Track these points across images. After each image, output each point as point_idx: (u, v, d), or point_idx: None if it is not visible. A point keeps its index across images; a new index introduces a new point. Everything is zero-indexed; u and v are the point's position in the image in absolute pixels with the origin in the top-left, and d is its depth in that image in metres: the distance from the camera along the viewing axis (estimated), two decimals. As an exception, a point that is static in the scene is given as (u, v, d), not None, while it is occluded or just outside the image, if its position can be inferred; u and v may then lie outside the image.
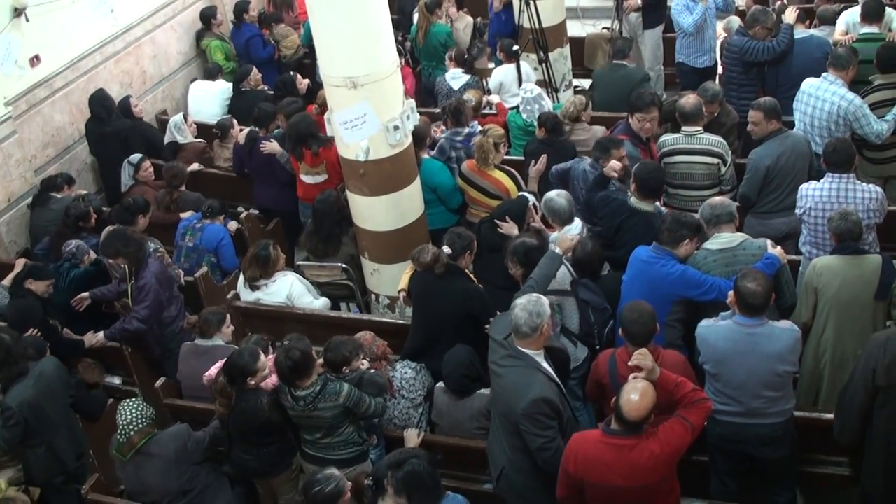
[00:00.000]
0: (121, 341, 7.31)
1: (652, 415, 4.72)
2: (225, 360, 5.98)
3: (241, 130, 9.21)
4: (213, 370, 6.16)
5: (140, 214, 7.91)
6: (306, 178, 8.31)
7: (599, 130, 8.25)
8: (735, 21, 9.33)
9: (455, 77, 9.78)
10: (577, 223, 6.83)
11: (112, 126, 9.53)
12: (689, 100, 7.53)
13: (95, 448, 6.74)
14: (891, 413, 5.08)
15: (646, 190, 6.59)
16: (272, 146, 8.53)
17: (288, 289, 7.27)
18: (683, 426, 4.80)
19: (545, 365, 5.19)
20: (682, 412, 4.85)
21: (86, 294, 7.55)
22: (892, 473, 5.17)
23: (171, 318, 7.32)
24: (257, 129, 8.85)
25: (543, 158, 7.64)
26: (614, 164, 6.79)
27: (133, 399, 5.96)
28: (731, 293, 5.41)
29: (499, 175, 7.69)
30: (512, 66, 9.75)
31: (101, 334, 7.29)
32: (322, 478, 4.98)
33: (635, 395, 4.69)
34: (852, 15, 8.77)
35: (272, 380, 5.92)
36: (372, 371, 6.03)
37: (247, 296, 7.41)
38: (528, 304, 5.12)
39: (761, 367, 5.27)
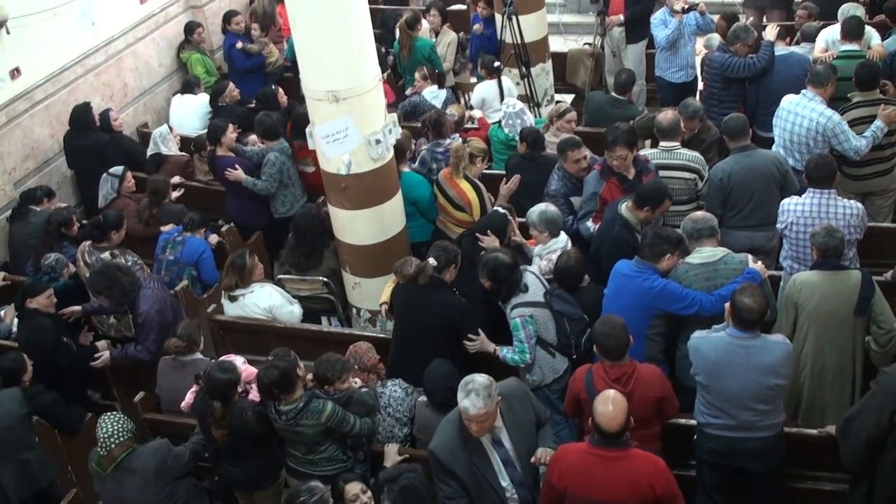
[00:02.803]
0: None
1: (630, 420, 4.73)
2: (200, 386, 5.97)
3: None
4: (190, 396, 6.16)
5: (112, 231, 7.87)
6: (304, 168, 8.83)
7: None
8: (716, 38, 9.39)
9: (434, 95, 9.82)
10: (564, 236, 6.88)
11: (89, 140, 9.48)
12: (666, 115, 7.57)
13: (74, 463, 6.68)
14: None
15: (637, 198, 6.58)
16: (237, 174, 8.54)
17: (267, 301, 7.23)
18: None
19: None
20: None
21: (77, 308, 7.44)
22: None
23: None
24: (212, 148, 8.88)
25: (516, 178, 7.65)
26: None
27: (113, 412, 5.92)
28: (727, 305, 5.41)
29: (465, 186, 7.71)
30: (493, 82, 9.78)
31: (106, 354, 7.20)
32: (305, 490, 5.01)
33: (608, 405, 4.71)
34: (832, 33, 8.85)
35: (254, 394, 5.91)
36: (364, 390, 6.00)
37: (229, 309, 7.38)
38: (465, 380, 5.00)
39: (753, 380, 5.27)
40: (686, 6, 9.59)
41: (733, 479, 5.66)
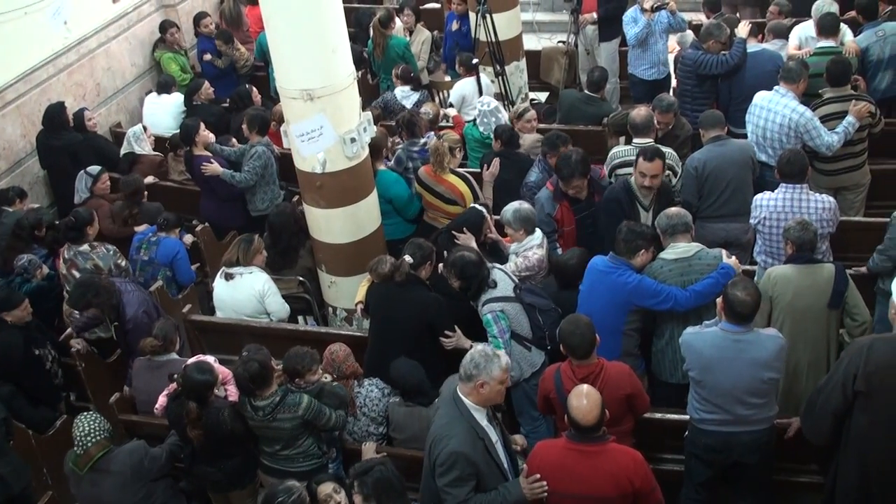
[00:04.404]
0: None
1: (606, 413, 4.75)
2: (175, 386, 5.93)
3: None
4: (162, 399, 6.12)
5: (87, 227, 7.77)
6: None
7: (530, 139, 8.38)
8: (689, 36, 9.45)
9: (405, 95, 9.82)
10: (539, 233, 6.89)
11: (62, 140, 9.41)
12: (639, 112, 7.62)
13: (49, 466, 6.63)
14: (869, 420, 5.04)
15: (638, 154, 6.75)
16: (213, 168, 8.51)
17: (261, 285, 7.24)
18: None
19: (479, 418, 4.96)
20: None
21: (69, 330, 7.37)
22: (866, 476, 5.14)
23: None
24: (188, 148, 8.81)
25: (496, 162, 7.74)
26: None
27: (90, 412, 5.88)
28: (718, 300, 5.42)
29: (454, 180, 7.72)
30: (472, 80, 9.81)
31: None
32: (283, 489, 5.00)
33: (581, 400, 4.73)
34: (804, 30, 8.93)
35: (233, 395, 5.89)
36: (334, 383, 6.00)
37: (221, 290, 7.36)
38: (477, 353, 4.96)
39: (747, 374, 5.27)
40: (656, 4, 9.64)
41: (724, 473, 5.67)
